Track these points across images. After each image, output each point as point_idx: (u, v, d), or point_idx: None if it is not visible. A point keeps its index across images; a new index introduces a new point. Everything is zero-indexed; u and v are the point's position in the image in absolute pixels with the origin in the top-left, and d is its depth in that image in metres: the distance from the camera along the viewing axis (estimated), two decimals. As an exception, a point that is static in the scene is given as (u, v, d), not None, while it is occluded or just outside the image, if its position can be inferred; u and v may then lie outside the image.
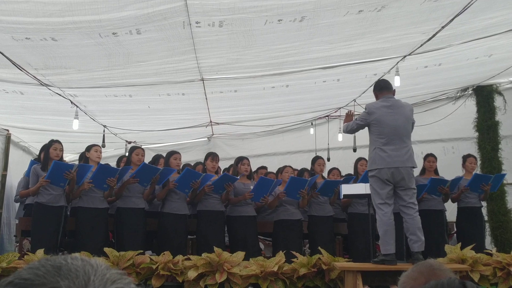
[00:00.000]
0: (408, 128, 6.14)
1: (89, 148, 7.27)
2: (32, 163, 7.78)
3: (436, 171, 8.13)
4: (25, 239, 7.32)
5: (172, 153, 7.62)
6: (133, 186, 7.16)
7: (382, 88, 6.30)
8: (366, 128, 6.29)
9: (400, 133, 6.02)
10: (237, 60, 7.15)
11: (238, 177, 7.55)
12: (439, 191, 7.80)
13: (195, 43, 6.29)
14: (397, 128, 6.02)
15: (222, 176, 7.44)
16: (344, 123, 6.75)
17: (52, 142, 7.04)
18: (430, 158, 8.18)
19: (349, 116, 6.78)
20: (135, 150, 7.60)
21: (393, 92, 6.29)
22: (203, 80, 7.88)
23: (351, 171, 8.87)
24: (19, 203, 9.07)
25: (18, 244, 7.61)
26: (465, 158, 8.34)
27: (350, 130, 6.45)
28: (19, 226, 7.59)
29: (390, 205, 5.98)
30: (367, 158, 8.14)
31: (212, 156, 7.68)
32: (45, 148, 7.07)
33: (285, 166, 8.35)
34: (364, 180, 7.31)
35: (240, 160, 7.86)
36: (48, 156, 6.94)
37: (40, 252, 6.00)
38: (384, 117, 6.05)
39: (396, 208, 6.13)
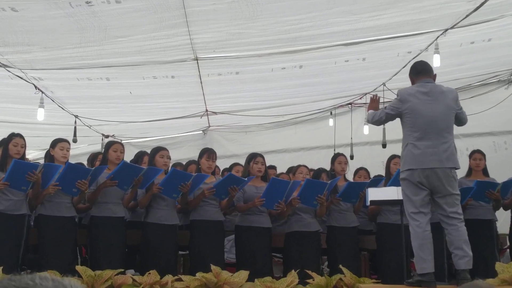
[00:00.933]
0: (449, 120, 6.08)
1: (53, 144, 7.24)
2: (-13, 162, 7.79)
3: (485, 172, 8.10)
4: (-21, 255, 7.34)
5: (158, 150, 7.62)
6: (110, 190, 7.13)
7: (420, 72, 6.25)
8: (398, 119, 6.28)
9: (438, 125, 5.98)
10: (239, 35, 7.14)
11: (246, 178, 7.51)
12: (488, 197, 7.77)
13: (188, 14, 6.29)
14: (434, 120, 5.97)
15: (227, 177, 7.38)
16: (368, 110, 6.72)
17: (11, 136, 7.04)
18: (476, 155, 8.15)
19: (374, 101, 6.73)
20: (112, 145, 7.57)
21: (434, 76, 6.26)
22: (197, 60, 7.88)
23: (379, 171, 8.86)
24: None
25: (-30, 262, 7.64)
26: (521, 155, 8.33)
27: (377, 120, 6.42)
28: (-29, 239, 7.62)
29: (425, 214, 5.94)
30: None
31: (208, 153, 7.64)
32: (3, 144, 7.07)
33: (299, 166, 8.34)
34: (396, 182, 7.30)
35: (253, 157, 7.76)
36: (7, 154, 6.94)
37: (-3, 271, 6.02)
38: (420, 105, 6.00)
39: (435, 218, 6.11)
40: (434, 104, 6.00)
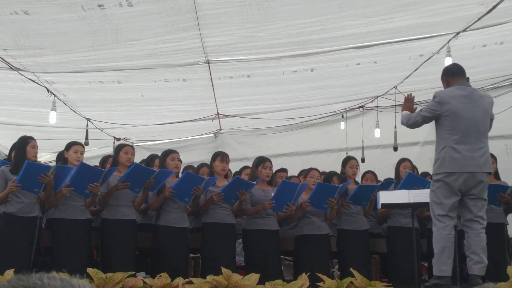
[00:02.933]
0: (487, 125, 6.08)
1: (68, 147, 7.25)
2: (1, 163, 7.80)
3: (496, 175, 8.05)
4: (-9, 257, 7.37)
5: (169, 153, 7.61)
6: (122, 193, 7.12)
7: (456, 73, 6.19)
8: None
9: (478, 129, 5.96)
10: (251, 38, 7.15)
11: (254, 182, 7.52)
12: (499, 200, 7.73)
13: (199, 17, 6.30)
14: (474, 123, 5.95)
15: (234, 181, 7.39)
16: (402, 110, 6.56)
17: (27, 139, 7.00)
18: (488, 158, 8.11)
19: (408, 101, 6.57)
20: (123, 148, 7.56)
21: (467, 79, 6.23)
22: (208, 63, 7.90)
23: (390, 174, 8.83)
24: (-16, 213, 9.10)
25: (-18, 263, 7.67)
26: (533, 158, 8.28)
27: (414, 123, 6.30)
28: (-16, 241, 7.65)
29: (452, 218, 5.94)
30: (410, 159, 8.10)
31: (221, 156, 7.62)
32: (17, 147, 7.08)
33: (310, 169, 8.30)
34: (406, 185, 7.28)
35: (262, 161, 7.77)
36: (24, 156, 6.91)
37: (9, 273, 6.01)
38: (460, 108, 5.96)
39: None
40: (473, 108, 5.98)
